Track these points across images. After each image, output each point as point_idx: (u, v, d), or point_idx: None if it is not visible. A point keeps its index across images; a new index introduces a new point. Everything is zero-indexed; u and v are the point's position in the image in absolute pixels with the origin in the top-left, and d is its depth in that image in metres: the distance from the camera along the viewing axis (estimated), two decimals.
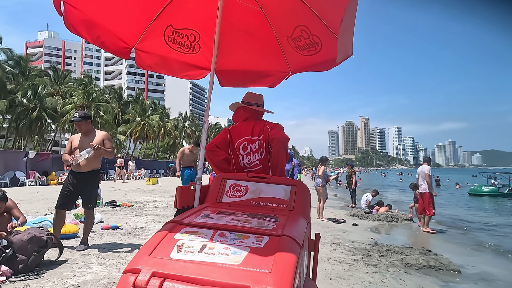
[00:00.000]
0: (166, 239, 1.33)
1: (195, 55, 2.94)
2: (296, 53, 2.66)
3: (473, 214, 13.16)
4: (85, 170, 4.05)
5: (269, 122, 2.45)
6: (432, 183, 8.23)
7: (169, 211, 8.15)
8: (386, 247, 5.55)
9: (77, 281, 3.11)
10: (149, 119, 48.63)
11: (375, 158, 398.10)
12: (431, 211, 7.98)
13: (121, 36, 2.57)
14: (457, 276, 4.40)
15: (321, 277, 3.89)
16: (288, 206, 1.88)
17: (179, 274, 1.14)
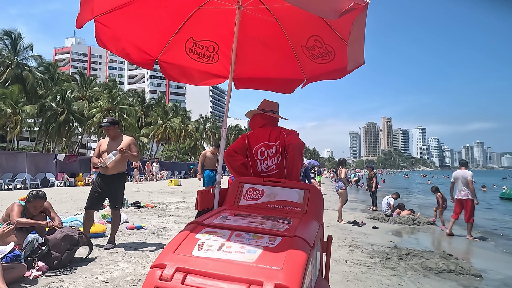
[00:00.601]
0: (188, 238, 1.48)
1: (214, 65, 3.10)
2: (311, 61, 2.76)
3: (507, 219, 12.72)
4: (112, 172, 4.30)
5: (285, 129, 2.57)
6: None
7: (190, 212, 8.39)
8: (405, 251, 5.51)
9: (106, 277, 3.33)
10: (170, 122, 49.70)
11: (398, 159, 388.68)
12: (471, 219, 7.62)
13: (146, 49, 2.76)
14: (478, 281, 4.35)
15: (338, 278, 3.95)
16: (301, 209, 1.99)
17: (200, 269, 1.28)
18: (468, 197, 7.65)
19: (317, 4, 1.57)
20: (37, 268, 3.28)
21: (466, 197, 7.65)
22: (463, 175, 7.79)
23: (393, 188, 28.82)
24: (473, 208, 7.66)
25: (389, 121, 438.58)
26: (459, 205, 7.84)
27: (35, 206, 3.64)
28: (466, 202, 7.66)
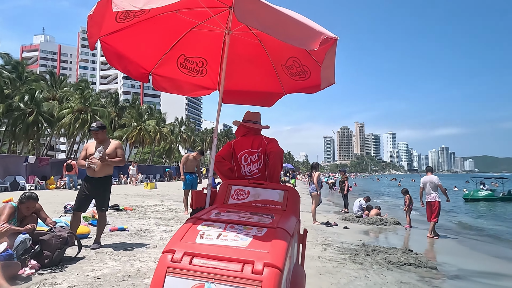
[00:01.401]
0: (191, 230, 1.80)
1: (202, 78, 3.43)
2: (289, 78, 3.16)
3: (472, 219, 13.77)
4: (99, 175, 4.49)
5: (266, 137, 2.93)
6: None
7: (170, 214, 8.57)
8: (372, 248, 6.02)
9: (97, 274, 3.55)
10: (145, 124, 48.99)
11: (370, 163, 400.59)
12: (436, 218, 8.37)
13: (142, 64, 3.05)
14: (434, 273, 4.90)
15: (312, 272, 4.35)
16: (281, 207, 2.35)
17: (204, 253, 1.60)
18: (436, 199, 8.42)
19: (299, 39, 1.95)
20: (29, 266, 3.45)
21: (434, 199, 8.43)
22: (430, 179, 8.56)
23: (366, 192, 30.01)
24: (439, 210, 8.44)
25: (362, 126, 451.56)
26: (429, 208, 8.57)
27: (27, 207, 3.79)
28: (434, 204, 8.43)
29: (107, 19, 2.20)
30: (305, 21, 2.03)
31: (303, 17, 2.17)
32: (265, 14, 1.81)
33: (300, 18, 2.01)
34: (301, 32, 1.91)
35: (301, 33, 1.91)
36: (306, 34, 1.91)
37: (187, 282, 1.54)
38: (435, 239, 8.28)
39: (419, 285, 4.26)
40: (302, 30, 1.91)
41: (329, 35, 1.98)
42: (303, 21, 1.99)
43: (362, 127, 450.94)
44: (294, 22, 1.90)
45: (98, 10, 1.98)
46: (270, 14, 1.83)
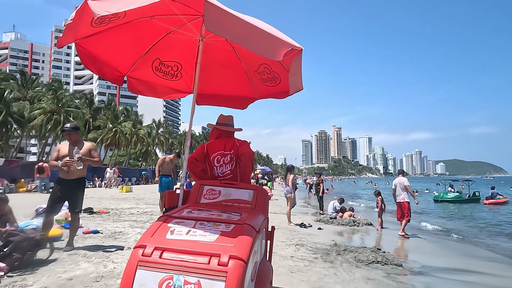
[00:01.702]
0: (162, 227, 1.90)
1: (177, 81, 3.53)
2: (261, 83, 3.30)
3: (437, 218, 14.39)
4: (73, 177, 4.46)
5: (238, 140, 3.06)
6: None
7: (146, 217, 8.52)
8: (343, 247, 6.25)
9: (69, 275, 3.54)
10: (121, 126, 47.98)
11: (347, 167, 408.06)
12: (407, 217, 8.89)
13: (117, 67, 3.11)
14: (399, 269, 5.17)
15: (284, 271, 4.50)
16: (251, 205, 2.49)
17: (173, 247, 1.71)
18: (405, 199, 8.93)
19: (266, 49, 2.09)
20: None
21: (403, 200, 8.94)
22: (400, 181, 9.08)
23: (343, 194, 30.70)
24: (409, 209, 8.89)
25: (339, 130, 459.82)
26: (399, 208, 9.06)
27: None
28: (403, 204, 8.93)
29: (83, 24, 2.26)
30: (272, 32, 2.18)
31: (271, 28, 2.33)
32: (233, 25, 1.95)
33: (267, 29, 2.16)
34: (267, 43, 2.06)
35: (267, 44, 2.05)
36: (272, 44, 2.06)
37: (157, 274, 1.64)
38: (405, 238, 8.68)
39: (384, 280, 4.49)
40: (268, 41, 2.06)
41: (293, 46, 2.14)
42: (270, 32, 2.14)
43: (340, 131, 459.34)
44: (261, 33, 2.04)
45: (75, 17, 2.05)
46: (238, 25, 1.97)
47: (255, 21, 2.24)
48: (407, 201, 8.89)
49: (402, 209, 8.96)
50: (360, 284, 4.20)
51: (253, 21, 2.19)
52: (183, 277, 1.62)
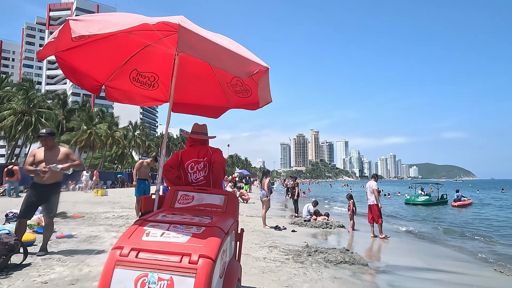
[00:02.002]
0: (138, 229, 2.08)
1: (154, 91, 3.69)
2: (234, 95, 3.52)
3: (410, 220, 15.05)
4: (49, 182, 4.50)
5: (211, 147, 3.26)
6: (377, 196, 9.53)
7: (121, 221, 8.51)
8: (314, 248, 6.55)
9: (44, 279, 3.61)
10: (96, 128, 46.87)
11: (324, 170, 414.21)
12: (379, 220, 9.36)
13: (95, 77, 3.24)
14: (365, 269, 5.50)
15: (256, 272, 4.72)
16: (222, 209, 2.69)
17: (148, 248, 1.89)
18: (374, 202, 9.43)
19: (234, 68, 2.32)
20: None
21: (372, 203, 9.46)
22: (370, 185, 9.61)
23: (319, 197, 31.31)
24: (379, 211, 9.38)
25: (317, 134, 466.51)
26: (369, 211, 9.58)
27: None
28: (372, 207, 9.44)
29: (63, 38, 2.40)
30: (242, 52, 2.40)
31: (241, 47, 2.56)
32: (204, 46, 2.15)
33: (237, 50, 2.38)
34: (236, 63, 2.28)
35: (236, 64, 2.28)
36: (240, 64, 2.29)
37: (133, 272, 1.82)
38: (386, 238, 9.19)
39: (350, 279, 4.80)
40: (237, 61, 2.28)
41: (260, 66, 2.38)
42: (240, 52, 2.36)
43: (317, 135, 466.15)
44: (231, 54, 2.26)
45: (58, 36, 2.20)
46: (209, 46, 2.17)
47: (227, 41, 2.46)
48: (376, 204, 9.38)
49: (372, 212, 9.44)
50: (326, 283, 4.48)
51: (224, 41, 2.41)
52: (157, 274, 1.80)
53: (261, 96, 2.86)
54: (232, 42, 2.58)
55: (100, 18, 2.20)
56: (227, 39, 2.63)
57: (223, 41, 2.39)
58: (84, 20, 2.13)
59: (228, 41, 2.55)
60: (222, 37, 2.61)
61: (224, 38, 2.63)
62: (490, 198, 35.43)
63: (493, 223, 15.48)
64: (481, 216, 18.40)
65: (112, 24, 2.08)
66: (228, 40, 2.56)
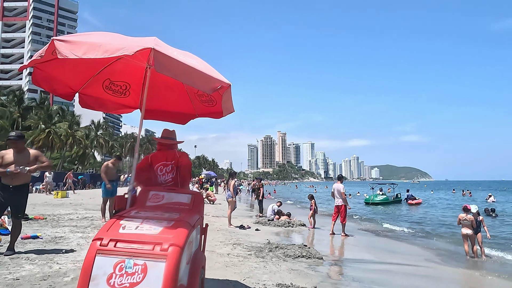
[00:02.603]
0: (115, 224, 2.40)
1: (126, 98, 3.97)
2: (201, 104, 3.89)
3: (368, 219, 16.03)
4: (18, 183, 4.60)
5: (179, 151, 3.61)
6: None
7: (86, 222, 8.52)
8: (275, 245, 7.03)
9: (15, 276, 3.76)
10: (55, 127, 44.84)
11: (290, 171, 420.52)
12: (345, 220, 10.11)
13: (70, 85, 3.49)
14: (320, 262, 6.05)
15: (220, 266, 5.10)
16: (189, 206, 3.05)
17: (125, 239, 2.22)
18: (342, 203, 10.14)
19: (201, 85, 2.71)
20: None
21: (340, 204, 10.16)
22: (338, 187, 10.30)
23: (285, 198, 32.14)
24: (345, 212, 10.11)
25: (284, 136, 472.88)
26: (336, 210, 10.24)
27: None
28: (340, 208, 10.15)
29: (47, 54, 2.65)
30: (207, 70, 2.79)
31: (207, 66, 2.96)
32: (175, 67, 2.52)
33: (203, 68, 2.76)
34: (202, 80, 2.67)
35: (202, 81, 2.67)
36: (205, 81, 2.69)
37: (112, 259, 2.15)
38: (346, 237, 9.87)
39: (305, 271, 5.31)
40: (203, 78, 2.67)
41: (223, 83, 2.79)
42: (205, 71, 2.75)
43: (284, 137, 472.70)
44: (197, 73, 2.64)
45: (45, 55, 2.47)
46: (180, 67, 2.54)
47: (194, 60, 2.84)
48: (344, 205, 10.11)
49: (339, 211, 10.16)
50: (284, 274, 4.95)
51: (192, 60, 2.79)
52: (133, 260, 2.15)
53: (224, 107, 3.28)
54: (199, 61, 2.96)
55: (84, 39, 2.49)
56: (195, 57, 3.01)
57: (191, 60, 2.77)
58: (69, 41, 2.42)
59: (196, 60, 2.93)
60: (191, 56, 2.99)
61: (193, 56, 3.00)
62: (439, 198, 38.14)
63: (436, 221, 16.90)
64: (428, 214, 19.97)
65: (95, 48, 2.38)
66: (196, 59, 2.94)
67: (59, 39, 2.43)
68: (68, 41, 2.43)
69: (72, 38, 2.50)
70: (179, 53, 2.83)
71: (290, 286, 4.29)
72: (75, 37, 2.58)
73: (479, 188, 75.20)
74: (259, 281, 4.43)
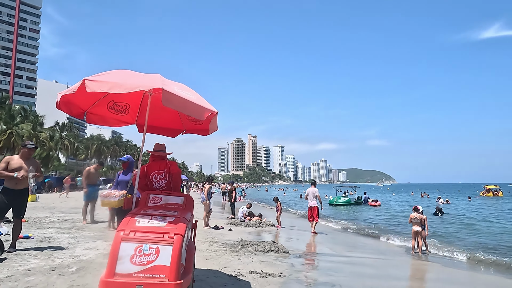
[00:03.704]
0: (131, 219, 3.19)
1: (125, 116, 4.72)
2: (189, 122, 4.72)
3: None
4: (21, 187, 5.17)
5: (169, 161, 4.40)
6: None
7: (68, 224, 8.95)
8: (247, 242, 7.92)
9: (26, 268, 4.37)
10: (18, 128, 43.15)
11: (261, 174, 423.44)
12: (317, 218, 11.59)
13: (82, 106, 4.20)
14: (286, 255, 7.01)
15: (200, 259, 5.89)
16: (182, 206, 3.87)
17: (141, 230, 3.03)
18: (315, 205, 11.57)
19: (195, 114, 3.55)
20: None
21: (314, 205, 11.59)
22: (312, 191, 11.70)
23: (255, 200, 33.08)
24: (318, 212, 11.53)
25: (254, 139, 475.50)
26: (310, 211, 11.67)
27: None
28: (314, 208, 11.55)
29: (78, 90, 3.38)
30: (200, 102, 3.64)
31: (200, 98, 3.80)
32: (176, 101, 3.34)
33: (197, 100, 3.61)
34: (196, 110, 3.52)
35: (195, 111, 3.52)
36: (199, 111, 3.54)
37: (133, 244, 2.94)
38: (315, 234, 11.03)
39: (273, 262, 6.24)
40: (196, 109, 3.52)
41: (212, 111, 3.65)
42: (199, 102, 3.60)
43: (255, 140, 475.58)
44: (192, 105, 3.48)
45: (78, 90, 3.22)
46: (179, 101, 3.37)
47: (190, 93, 3.68)
48: (317, 206, 11.41)
49: (312, 212, 11.51)
50: (255, 264, 5.84)
51: (188, 93, 3.63)
52: (148, 245, 2.96)
53: (211, 128, 4.15)
54: (193, 93, 3.81)
55: (107, 79, 3.26)
56: (190, 90, 3.85)
57: (187, 94, 3.61)
58: (97, 80, 3.19)
59: (191, 92, 3.77)
60: (186, 89, 3.82)
61: (188, 89, 3.84)
62: (397, 200, 40.78)
63: (393, 219, 18.55)
64: (385, 214, 21.73)
65: (118, 86, 3.17)
66: (190, 92, 3.78)
67: (89, 79, 3.19)
68: (95, 80, 3.19)
69: (98, 78, 3.27)
70: (178, 87, 3.66)
71: (261, 273, 5.19)
72: (100, 76, 3.34)
73: (436, 191, 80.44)
74: (235, 270, 5.30)
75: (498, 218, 19.79)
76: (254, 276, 5.05)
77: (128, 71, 3.68)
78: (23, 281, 3.89)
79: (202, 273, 4.93)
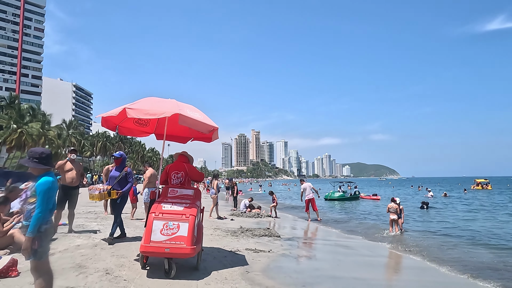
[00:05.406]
0: (159, 205, 4.57)
1: (146, 127, 6.10)
2: (196, 132, 6.06)
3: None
4: (75, 185, 6.68)
5: (187, 164, 5.75)
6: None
7: (93, 215, 10.38)
8: (246, 229, 9.30)
9: (74, 244, 5.78)
10: (27, 127, 44.74)
11: (264, 169, 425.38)
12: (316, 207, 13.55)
13: (116, 122, 5.57)
14: (277, 238, 8.39)
15: (206, 240, 7.27)
16: (193, 196, 5.24)
17: (167, 212, 4.40)
18: (312, 197, 13.37)
19: (201, 129, 4.91)
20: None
21: (311, 197, 13.39)
22: (309, 185, 13.60)
23: (258, 195, 34.52)
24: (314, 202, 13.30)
25: (258, 134, 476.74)
26: (308, 202, 13.53)
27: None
28: (312, 200, 13.37)
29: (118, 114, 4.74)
30: (205, 120, 4.99)
31: (205, 116, 5.15)
32: (189, 121, 4.70)
33: (203, 119, 4.95)
34: (202, 127, 4.88)
35: (202, 127, 4.88)
36: (204, 127, 4.90)
37: (161, 222, 4.33)
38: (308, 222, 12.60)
39: (266, 243, 7.61)
40: (203, 126, 4.88)
41: (214, 127, 5.00)
42: (204, 120, 4.94)
43: (258, 135, 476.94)
44: (200, 123, 4.83)
45: (119, 114, 4.59)
46: (192, 121, 4.72)
47: (197, 113, 5.03)
48: (313, 197, 13.18)
49: (311, 203, 13.41)
50: (251, 244, 7.22)
51: (195, 113, 4.98)
52: (172, 222, 4.33)
53: (213, 137, 5.51)
54: (201, 113, 5.16)
55: (141, 107, 4.61)
56: (198, 111, 5.20)
57: (196, 114, 4.97)
58: (134, 109, 4.55)
59: (199, 113, 5.12)
60: (195, 110, 5.17)
61: (196, 110, 5.19)
62: (395, 193, 42.06)
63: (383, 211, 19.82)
64: (377, 208, 23.06)
65: (149, 112, 4.52)
66: (198, 112, 5.13)
67: (129, 107, 4.54)
68: (133, 109, 4.55)
69: (134, 106, 4.62)
70: (189, 109, 5.01)
71: (254, 250, 6.57)
72: (135, 105, 4.70)
73: (437, 184, 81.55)
74: (234, 247, 6.68)
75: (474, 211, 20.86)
76: (249, 251, 6.43)
77: (153, 98, 5.06)
78: (76, 253, 5.29)
79: (208, 249, 6.31)
